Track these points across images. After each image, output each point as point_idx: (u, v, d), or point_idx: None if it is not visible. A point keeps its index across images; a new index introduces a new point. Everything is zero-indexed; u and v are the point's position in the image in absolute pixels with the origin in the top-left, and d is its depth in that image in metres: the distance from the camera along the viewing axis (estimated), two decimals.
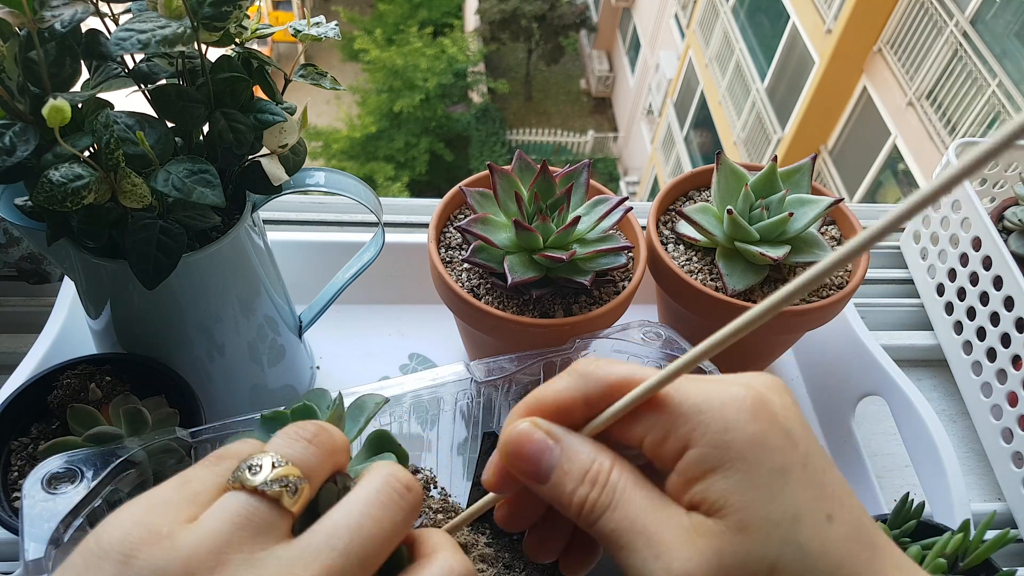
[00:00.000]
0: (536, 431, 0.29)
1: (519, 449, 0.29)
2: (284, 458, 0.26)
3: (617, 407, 0.28)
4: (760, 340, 0.63)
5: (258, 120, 0.45)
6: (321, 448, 0.27)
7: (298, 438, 0.27)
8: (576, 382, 0.29)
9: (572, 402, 0.29)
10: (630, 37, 10.29)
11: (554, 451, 0.28)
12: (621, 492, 0.27)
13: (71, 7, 0.39)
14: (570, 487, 0.28)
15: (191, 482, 0.26)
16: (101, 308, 0.51)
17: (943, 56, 4.65)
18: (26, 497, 0.35)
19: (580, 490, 0.28)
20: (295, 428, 0.28)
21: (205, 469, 0.27)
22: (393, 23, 8.51)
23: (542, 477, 0.28)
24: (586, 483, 0.28)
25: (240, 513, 0.25)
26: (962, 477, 0.55)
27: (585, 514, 0.28)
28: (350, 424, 0.35)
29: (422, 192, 7.99)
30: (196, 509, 0.25)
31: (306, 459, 0.27)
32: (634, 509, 0.27)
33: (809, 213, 0.59)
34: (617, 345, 0.52)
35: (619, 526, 0.27)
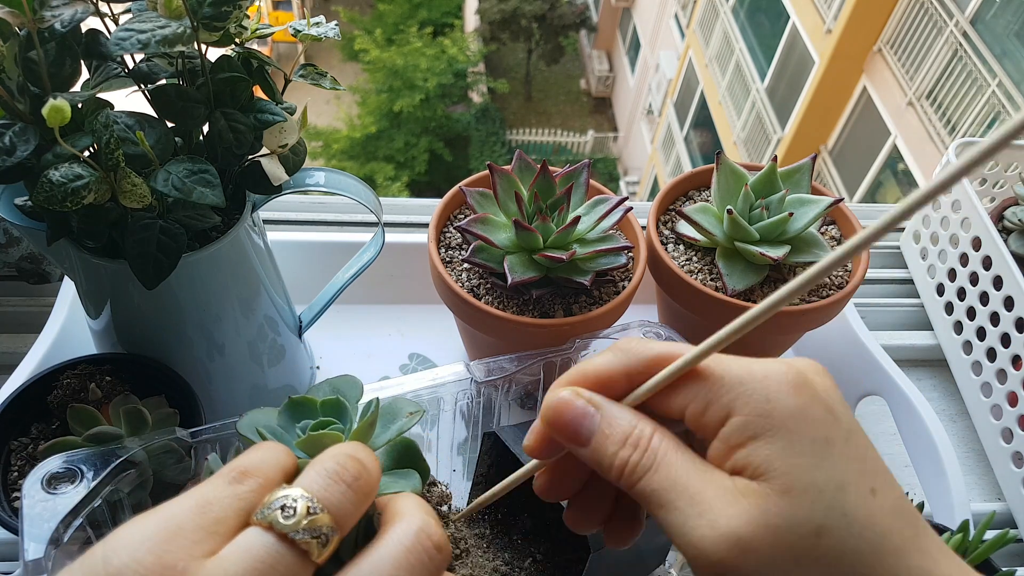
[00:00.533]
0: (577, 398, 0.30)
1: (561, 414, 0.29)
2: (320, 503, 0.25)
3: (658, 378, 0.29)
4: (760, 340, 0.63)
5: (258, 120, 0.45)
6: (359, 494, 0.26)
7: (339, 480, 0.25)
8: (618, 357, 0.30)
9: (614, 375, 0.30)
10: (630, 37, 10.29)
11: (595, 417, 0.29)
12: (663, 455, 0.28)
13: (71, 7, 0.39)
14: (612, 449, 0.28)
15: (212, 507, 0.24)
16: (101, 308, 0.51)
17: (943, 56, 4.65)
18: (26, 497, 0.35)
19: (622, 452, 0.28)
20: (336, 465, 0.26)
21: (227, 490, 0.25)
22: (393, 23, 8.51)
23: (583, 440, 0.29)
24: (627, 446, 0.28)
25: (264, 560, 0.23)
26: (962, 477, 0.55)
27: (627, 475, 0.28)
28: (379, 430, 0.34)
29: (422, 192, 7.99)
30: (216, 542, 0.23)
31: (342, 507, 0.25)
32: (676, 470, 0.27)
33: (809, 213, 0.59)
34: None
35: (661, 486, 0.27)
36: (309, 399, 0.33)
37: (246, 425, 0.32)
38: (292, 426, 0.32)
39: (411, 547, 0.25)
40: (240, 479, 0.25)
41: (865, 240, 0.24)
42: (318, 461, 0.26)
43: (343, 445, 0.28)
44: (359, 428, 0.32)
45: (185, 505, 0.24)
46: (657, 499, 0.27)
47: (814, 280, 0.25)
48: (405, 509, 0.27)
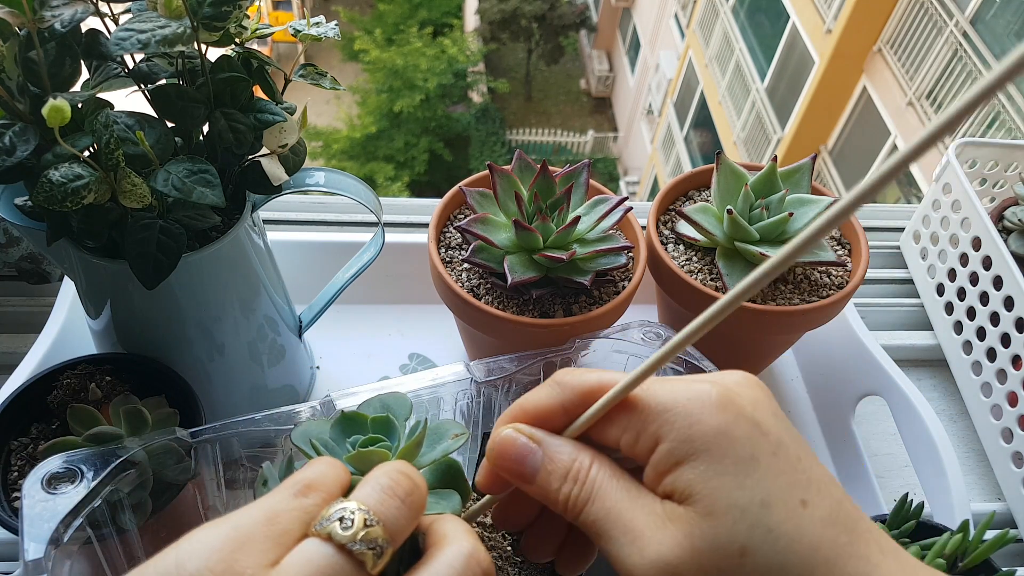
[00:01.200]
0: (519, 436, 0.31)
1: (504, 453, 0.31)
2: (376, 516, 0.25)
3: (590, 412, 0.30)
4: (760, 340, 0.63)
5: (258, 120, 0.45)
6: (411, 509, 0.27)
7: (392, 495, 0.26)
8: (553, 391, 0.31)
9: (551, 409, 0.31)
10: (630, 37, 10.29)
11: (537, 453, 0.30)
12: (600, 486, 0.29)
13: (71, 7, 0.39)
14: (555, 485, 0.30)
15: (279, 518, 0.25)
16: (101, 308, 0.51)
17: (943, 56, 4.65)
18: (26, 497, 0.35)
19: (564, 488, 0.29)
20: (390, 481, 0.27)
21: (292, 502, 0.26)
22: (393, 23, 8.50)
23: (528, 478, 0.30)
24: (568, 480, 0.29)
25: (323, 569, 0.24)
26: (962, 477, 0.55)
27: (569, 508, 0.29)
28: (426, 448, 0.34)
29: (422, 192, 7.99)
30: (280, 552, 0.24)
31: (396, 521, 0.26)
32: (611, 500, 0.29)
33: (809, 213, 0.59)
34: (617, 345, 0.52)
35: (598, 516, 0.28)
36: (360, 415, 0.34)
37: (299, 435, 0.33)
38: (343, 440, 0.33)
39: (462, 571, 0.26)
40: (305, 492, 0.26)
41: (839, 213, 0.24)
42: (372, 477, 0.27)
43: (395, 463, 0.29)
44: (407, 447, 0.32)
45: (254, 516, 0.25)
46: (596, 529, 0.29)
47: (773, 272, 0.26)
48: (454, 533, 0.28)
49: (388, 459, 0.31)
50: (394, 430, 0.33)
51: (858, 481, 0.63)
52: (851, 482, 0.64)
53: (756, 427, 0.28)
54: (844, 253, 0.63)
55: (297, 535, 0.25)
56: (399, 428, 0.34)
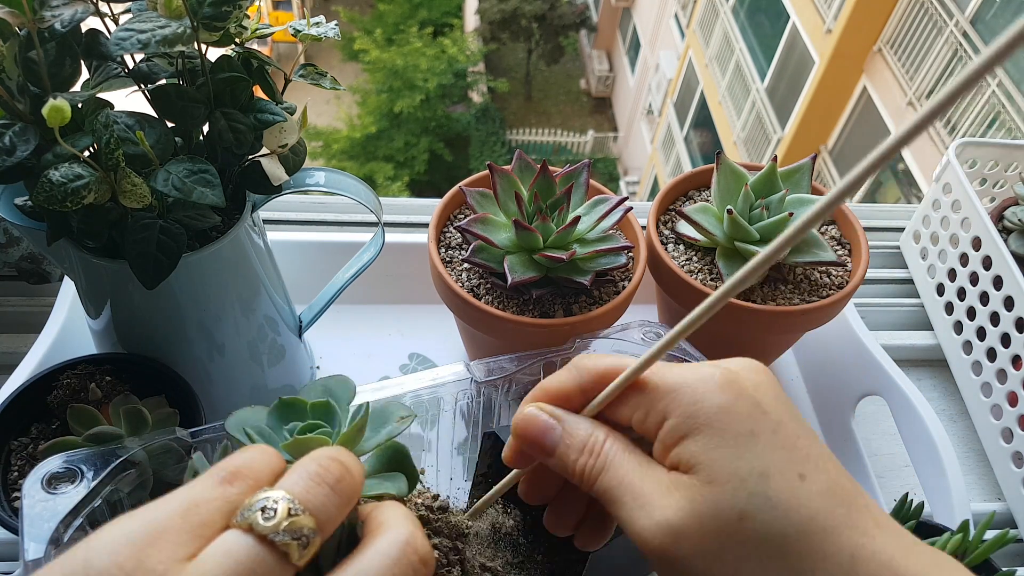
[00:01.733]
0: (541, 413, 0.33)
1: (528, 429, 0.33)
2: (302, 504, 0.24)
3: (606, 392, 0.33)
4: (760, 340, 0.63)
5: (258, 120, 0.45)
6: (342, 496, 0.26)
7: (321, 482, 0.25)
8: (571, 374, 0.34)
9: (570, 391, 0.34)
10: (630, 37, 10.29)
11: (556, 429, 0.33)
12: (612, 457, 0.31)
13: (71, 7, 0.39)
14: (572, 457, 0.32)
15: (199, 509, 0.24)
16: (101, 308, 0.51)
17: (943, 56, 4.65)
18: (26, 497, 0.35)
19: (580, 459, 0.32)
20: (318, 467, 0.26)
21: (214, 491, 0.25)
22: (393, 23, 8.50)
23: (548, 451, 0.33)
24: (584, 453, 0.32)
25: (243, 562, 0.23)
26: (962, 477, 0.55)
27: (585, 479, 0.32)
28: (369, 433, 0.33)
29: (422, 192, 7.99)
30: (198, 544, 0.23)
31: (325, 508, 0.25)
32: (623, 470, 0.31)
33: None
34: (617, 345, 0.52)
35: (610, 484, 0.31)
36: (299, 400, 0.33)
37: (234, 424, 0.32)
38: (281, 427, 0.32)
39: (397, 559, 0.25)
40: (230, 480, 0.25)
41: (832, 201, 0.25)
42: (300, 464, 0.26)
43: (326, 448, 0.28)
44: (347, 433, 0.32)
45: (171, 506, 0.24)
46: (609, 496, 0.31)
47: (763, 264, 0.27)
48: (391, 519, 0.27)
49: (328, 446, 0.29)
50: (335, 415, 0.33)
51: (858, 481, 0.63)
52: None
53: (757, 406, 0.30)
54: (844, 253, 0.63)
55: (218, 527, 0.24)
56: (340, 413, 0.33)
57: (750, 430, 0.29)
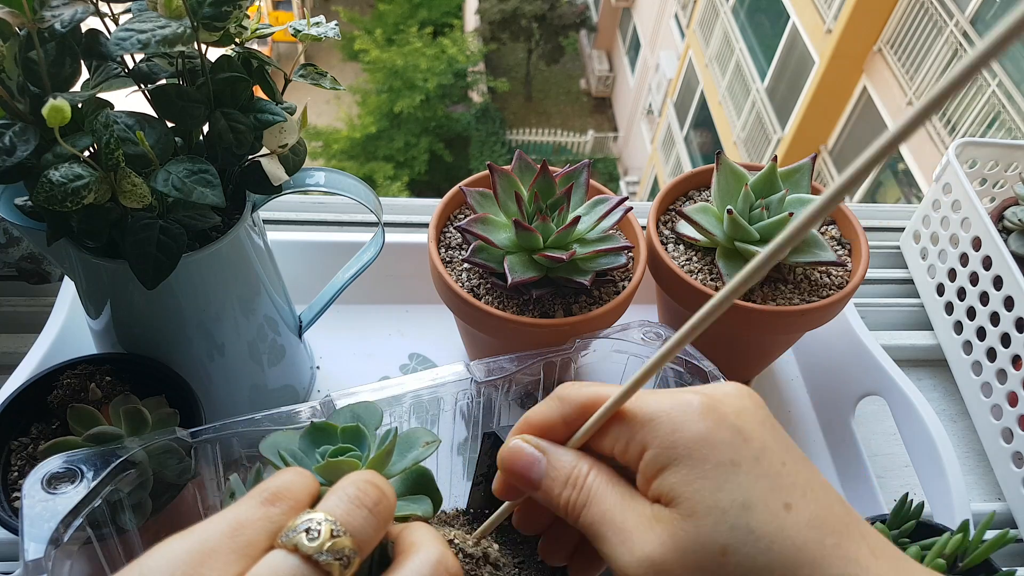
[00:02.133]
0: (526, 446, 0.33)
1: (513, 462, 0.33)
2: (343, 526, 0.26)
3: (589, 424, 0.32)
4: (760, 340, 0.63)
5: (258, 120, 0.45)
6: (379, 519, 0.27)
7: (360, 505, 0.27)
8: (553, 405, 0.33)
9: (553, 422, 0.33)
10: (630, 37, 10.29)
11: (541, 462, 0.32)
12: (595, 491, 0.31)
13: (71, 7, 0.39)
14: (556, 491, 0.32)
15: (244, 529, 0.25)
16: (101, 308, 0.51)
17: (943, 56, 4.65)
18: (26, 497, 0.35)
19: (564, 493, 0.31)
20: (357, 491, 0.27)
21: (258, 511, 0.26)
22: (393, 23, 8.50)
23: (534, 484, 0.32)
24: (568, 486, 0.31)
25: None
26: (962, 477, 0.55)
27: (569, 512, 0.31)
28: (396, 457, 0.34)
29: (422, 192, 7.99)
30: (245, 564, 0.24)
31: (364, 530, 0.26)
32: (606, 504, 0.30)
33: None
34: (617, 345, 0.52)
35: (594, 519, 0.30)
36: (330, 425, 0.34)
37: (268, 447, 0.33)
38: (312, 450, 0.33)
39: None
40: (272, 502, 0.26)
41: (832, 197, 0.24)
42: (339, 487, 0.27)
43: (362, 472, 0.29)
44: (376, 456, 0.33)
45: (219, 527, 0.25)
46: (593, 531, 0.30)
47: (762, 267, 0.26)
48: (422, 540, 0.28)
49: (358, 469, 0.31)
50: (364, 439, 0.34)
51: (858, 481, 0.63)
52: (851, 482, 0.64)
53: (738, 433, 0.29)
54: (844, 253, 0.63)
55: (263, 546, 0.25)
56: (369, 437, 0.34)
57: (730, 459, 0.28)
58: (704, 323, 0.28)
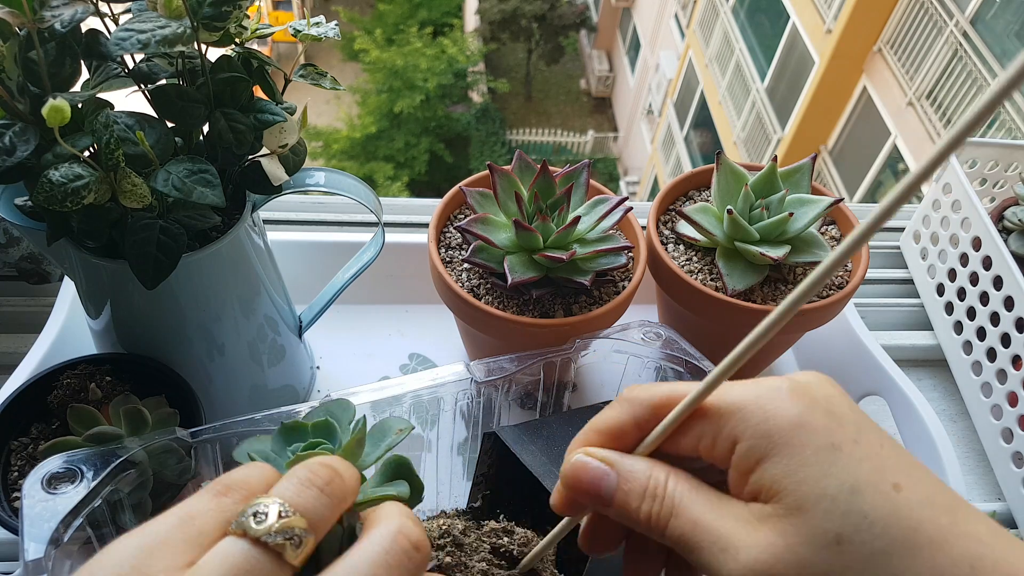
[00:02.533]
0: (591, 460, 0.30)
1: (579, 478, 0.30)
2: (292, 507, 0.25)
3: (664, 424, 0.30)
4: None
5: (258, 120, 0.45)
6: (332, 497, 0.26)
7: (310, 485, 0.26)
8: (624, 408, 0.31)
9: (624, 426, 0.31)
10: (630, 37, 10.29)
11: (611, 475, 0.30)
12: (680, 499, 0.28)
13: (71, 7, 0.39)
14: (634, 504, 0.29)
15: (195, 520, 0.25)
16: (101, 308, 0.51)
17: (943, 56, 4.65)
18: (26, 497, 0.35)
19: (643, 505, 0.29)
20: (307, 472, 0.27)
21: (210, 503, 0.26)
22: (393, 23, 8.50)
23: (605, 501, 0.30)
24: (647, 498, 0.29)
25: (238, 564, 0.24)
26: (962, 477, 0.55)
27: (652, 526, 0.29)
28: (369, 448, 0.34)
29: (422, 192, 7.99)
30: (196, 553, 0.24)
31: (315, 509, 0.26)
32: (695, 512, 0.28)
33: (809, 213, 0.59)
34: (617, 345, 0.52)
35: (683, 530, 0.28)
36: (301, 424, 0.33)
37: (240, 452, 0.33)
38: (284, 449, 0.33)
39: (389, 547, 0.26)
40: (224, 492, 0.26)
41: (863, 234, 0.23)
42: (291, 472, 0.27)
43: (316, 456, 0.28)
44: (347, 446, 0.32)
45: (169, 520, 0.25)
46: (684, 542, 0.28)
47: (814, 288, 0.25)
48: (384, 514, 0.28)
49: None
50: (335, 433, 0.33)
51: None
52: None
53: (832, 417, 0.27)
54: None
55: (215, 536, 0.25)
56: (340, 431, 0.33)
57: (830, 443, 0.27)
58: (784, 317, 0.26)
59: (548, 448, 0.46)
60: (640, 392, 0.31)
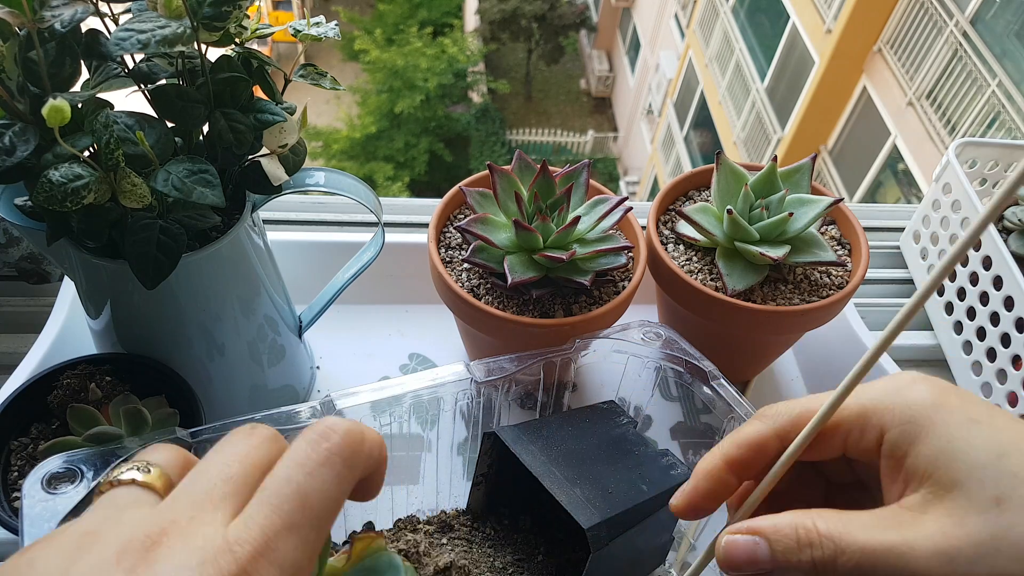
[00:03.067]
0: (738, 537, 0.31)
1: (734, 559, 0.31)
2: (144, 460, 0.26)
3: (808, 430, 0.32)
4: (760, 340, 0.63)
5: (258, 120, 0.45)
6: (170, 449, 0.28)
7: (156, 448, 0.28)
8: (766, 423, 0.33)
9: (765, 440, 0.33)
10: (630, 37, 10.29)
11: (761, 544, 0.31)
12: (837, 534, 0.29)
13: (71, 7, 0.39)
14: (795, 557, 0.30)
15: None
16: (101, 308, 0.51)
17: (943, 56, 4.65)
18: (26, 497, 0.35)
19: (805, 555, 0.30)
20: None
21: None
22: (393, 23, 8.50)
23: (767, 566, 0.31)
24: (804, 548, 0.30)
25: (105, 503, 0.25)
26: None
27: (823, 570, 0.29)
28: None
29: (422, 192, 7.99)
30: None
31: (164, 456, 0.27)
32: (858, 539, 0.29)
33: (809, 213, 0.59)
34: (617, 345, 0.52)
35: (856, 560, 0.29)
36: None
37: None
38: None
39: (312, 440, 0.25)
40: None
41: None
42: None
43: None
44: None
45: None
46: (865, 569, 0.28)
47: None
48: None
49: None
50: None
51: None
52: None
53: (962, 396, 0.30)
54: (844, 253, 0.63)
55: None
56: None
57: (968, 418, 0.29)
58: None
59: (548, 448, 0.46)
60: (779, 407, 0.33)
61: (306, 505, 0.24)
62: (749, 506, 0.33)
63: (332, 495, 0.25)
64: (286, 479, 0.24)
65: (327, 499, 0.25)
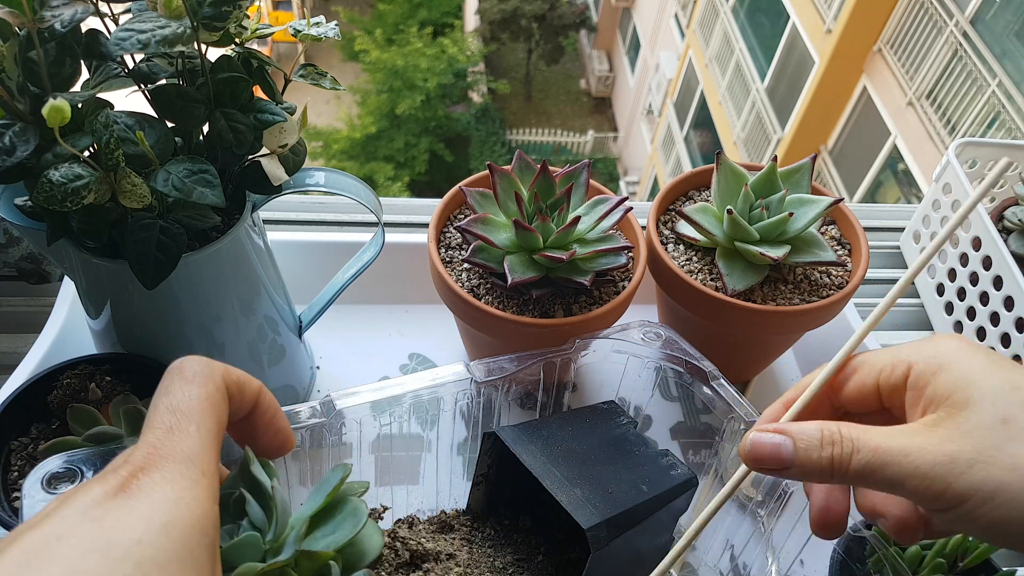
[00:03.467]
0: (764, 434, 0.34)
1: (759, 452, 0.34)
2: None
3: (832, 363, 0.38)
4: (760, 340, 0.63)
5: (258, 120, 0.45)
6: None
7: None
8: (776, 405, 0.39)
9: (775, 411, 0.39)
10: (630, 37, 10.29)
11: (787, 441, 0.34)
12: (857, 436, 0.33)
13: (71, 7, 0.39)
14: (815, 455, 0.33)
15: None
16: (101, 308, 0.51)
17: (943, 56, 4.64)
18: (26, 497, 0.35)
19: (823, 453, 0.33)
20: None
21: None
22: (393, 23, 8.50)
23: (788, 463, 0.34)
24: (825, 445, 0.33)
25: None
26: None
27: (837, 467, 0.32)
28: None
29: (422, 192, 7.99)
30: None
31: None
32: (874, 440, 0.32)
33: (809, 213, 0.59)
34: (617, 345, 0.52)
35: (869, 458, 0.32)
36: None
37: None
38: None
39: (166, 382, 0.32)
40: None
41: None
42: None
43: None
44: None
45: None
46: (870, 470, 0.32)
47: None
48: None
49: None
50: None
51: None
52: None
53: (979, 348, 0.34)
54: (844, 253, 0.63)
55: None
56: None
57: (987, 360, 0.33)
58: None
59: (548, 448, 0.46)
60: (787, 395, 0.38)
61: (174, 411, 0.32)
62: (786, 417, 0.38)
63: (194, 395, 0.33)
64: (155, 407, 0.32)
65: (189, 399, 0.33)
